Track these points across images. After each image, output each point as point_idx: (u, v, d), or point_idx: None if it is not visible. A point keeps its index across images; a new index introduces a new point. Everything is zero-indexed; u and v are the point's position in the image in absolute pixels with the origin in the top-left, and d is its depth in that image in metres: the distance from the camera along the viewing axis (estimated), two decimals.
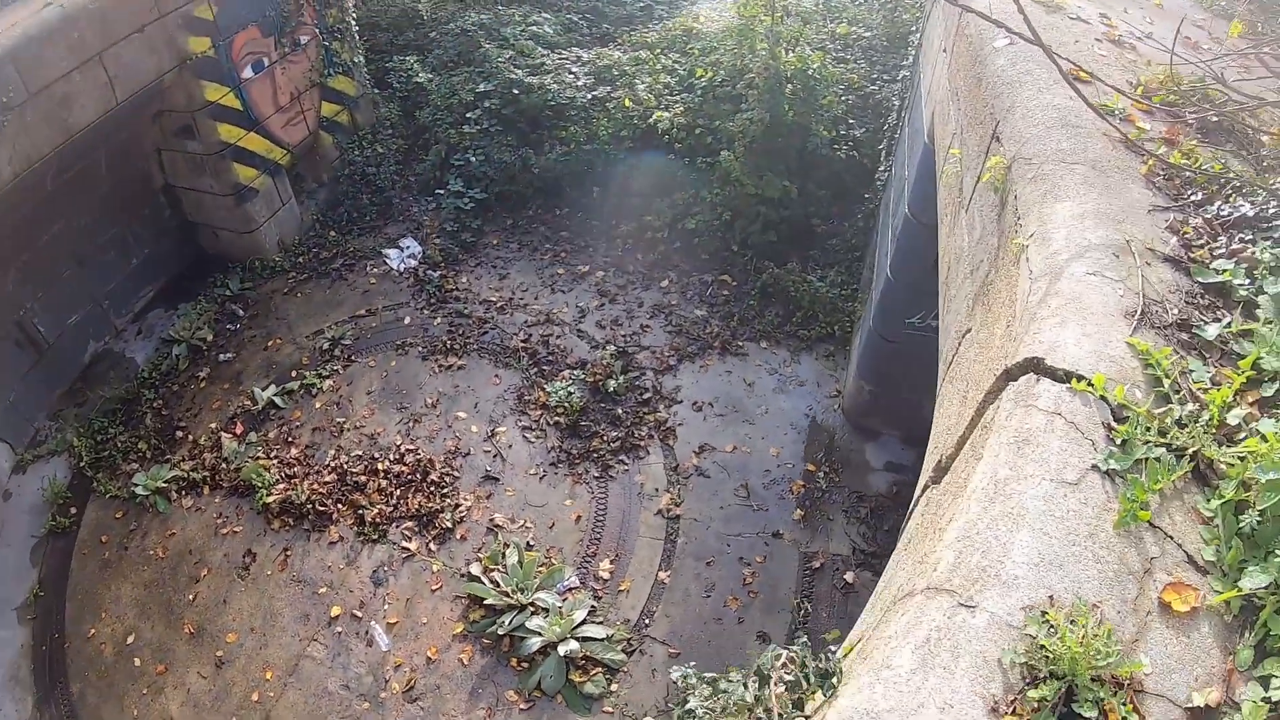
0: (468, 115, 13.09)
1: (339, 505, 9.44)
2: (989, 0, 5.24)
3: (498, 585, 8.56)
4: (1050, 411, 2.79)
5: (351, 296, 11.97)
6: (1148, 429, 2.70)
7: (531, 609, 8.37)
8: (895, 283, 8.18)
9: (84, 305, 11.32)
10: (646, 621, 8.44)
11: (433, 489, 9.51)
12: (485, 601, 8.48)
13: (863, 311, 10.07)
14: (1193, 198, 3.67)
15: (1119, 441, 2.69)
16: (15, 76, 8.40)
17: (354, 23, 12.89)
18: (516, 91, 12.95)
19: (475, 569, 8.78)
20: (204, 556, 9.24)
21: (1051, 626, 2.26)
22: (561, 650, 8.00)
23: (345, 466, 9.76)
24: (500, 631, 8.27)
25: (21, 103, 8.59)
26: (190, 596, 8.93)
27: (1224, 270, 3.27)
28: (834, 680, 2.74)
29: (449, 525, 9.20)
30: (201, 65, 10.58)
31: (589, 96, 12.81)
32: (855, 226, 11.40)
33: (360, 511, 9.33)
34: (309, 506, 9.37)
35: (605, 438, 9.94)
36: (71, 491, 10.01)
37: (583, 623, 8.25)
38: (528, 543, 9.04)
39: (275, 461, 9.86)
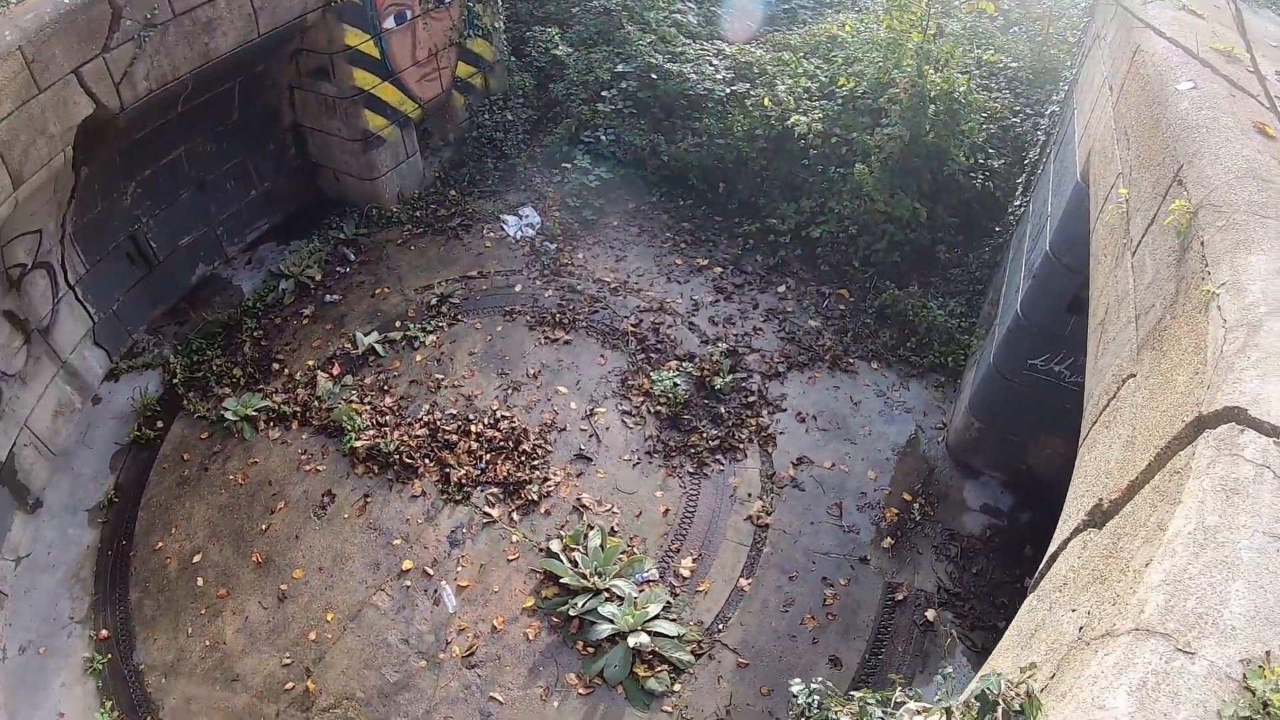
0: (603, 94, 12.84)
1: (426, 460, 9.12)
2: (1170, 42, 5.09)
3: (575, 565, 8.16)
4: (1259, 463, 2.66)
5: (465, 256, 11.75)
6: None
7: (606, 595, 7.95)
8: (1025, 321, 7.82)
9: (198, 228, 11.34)
10: (720, 626, 7.95)
11: (523, 459, 9.13)
12: (560, 580, 8.07)
13: (979, 346, 9.64)
14: None
15: None
16: None
17: None
18: (654, 76, 12.67)
19: (555, 546, 8.37)
20: (283, 490, 9.00)
21: (1276, 683, 2.11)
22: (631, 641, 7.57)
23: (438, 423, 9.45)
24: (571, 612, 7.86)
25: (165, 21, 8.60)
26: (263, 526, 8.69)
27: None
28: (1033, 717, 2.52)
29: (534, 498, 8.80)
30: (345, 9, 10.52)
31: (727, 90, 12.44)
32: (981, 259, 10.91)
33: (447, 470, 8.99)
34: (396, 457, 9.08)
35: (704, 434, 9.47)
36: (161, 406, 9.92)
37: (656, 617, 7.81)
38: (612, 528, 8.60)
39: (368, 407, 9.61)
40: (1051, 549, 3.90)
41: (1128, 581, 2.75)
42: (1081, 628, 2.80)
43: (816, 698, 3.94)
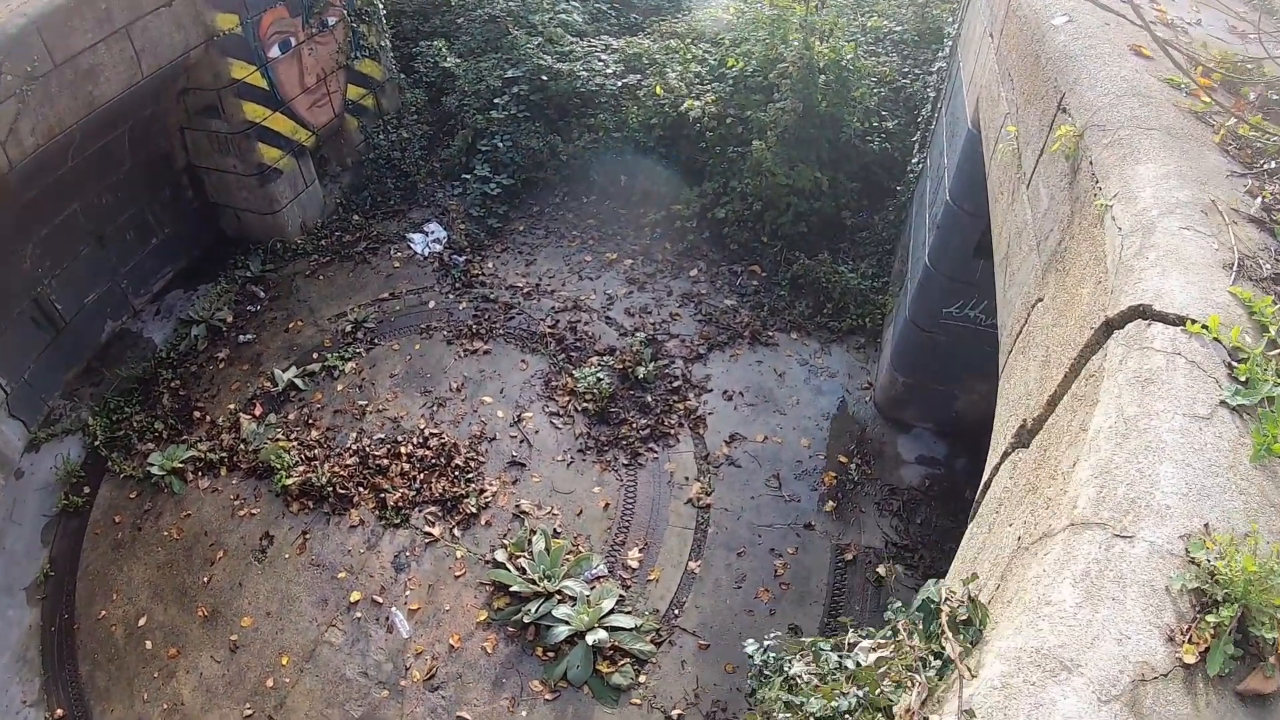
0: (495, 101, 12.86)
1: (360, 489, 9.15)
2: None
3: (524, 572, 8.27)
4: (1169, 352, 2.77)
5: (375, 280, 11.73)
6: (1265, 369, 2.69)
7: (558, 597, 8.08)
8: (934, 271, 8.08)
9: (102, 284, 11.12)
10: (676, 612, 8.14)
11: (457, 474, 9.21)
12: (510, 589, 8.18)
13: (894, 304, 9.95)
14: (1266, 166, 3.77)
15: (1243, 379, 2.68)
16: (41, 46, 8.22)
17: (381, 6, 12.69)
18: (545, 78, 12.74)
19: (500, 555, 8.48)
20: (220, 539, 8.95)
21: (1219, 552, 2.14)
22: (589, 639, 7.71)
23: (367, 449, 9.47)
24: (526, 620, 7.97)
25: (46, 73, 8.40)
26: (205, 579, 8.64)
27: None
28: (978, 625, 2.56)
29: (473, 511, 8.90)
30: (228, 42, 10.39)
31: (619, 84, 12.59)
32: (886, 220, 11.23)
33: (382, 495, 9.04)
34: (329, 489, 9.09)
35: (634, 425, 9.65)
36: (85, 471, 9.75)
37: (611, 612, 7.96)
38: (555, 530, 8.74)
39: (295, 443, 9.59)
40: (985, 477, 4.05)
41: (1058, 485, 2.85)
42: (1020, 537, 2.90)
43: (771, 655, 4.04)
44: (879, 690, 2.78)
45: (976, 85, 6.85)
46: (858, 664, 3.08)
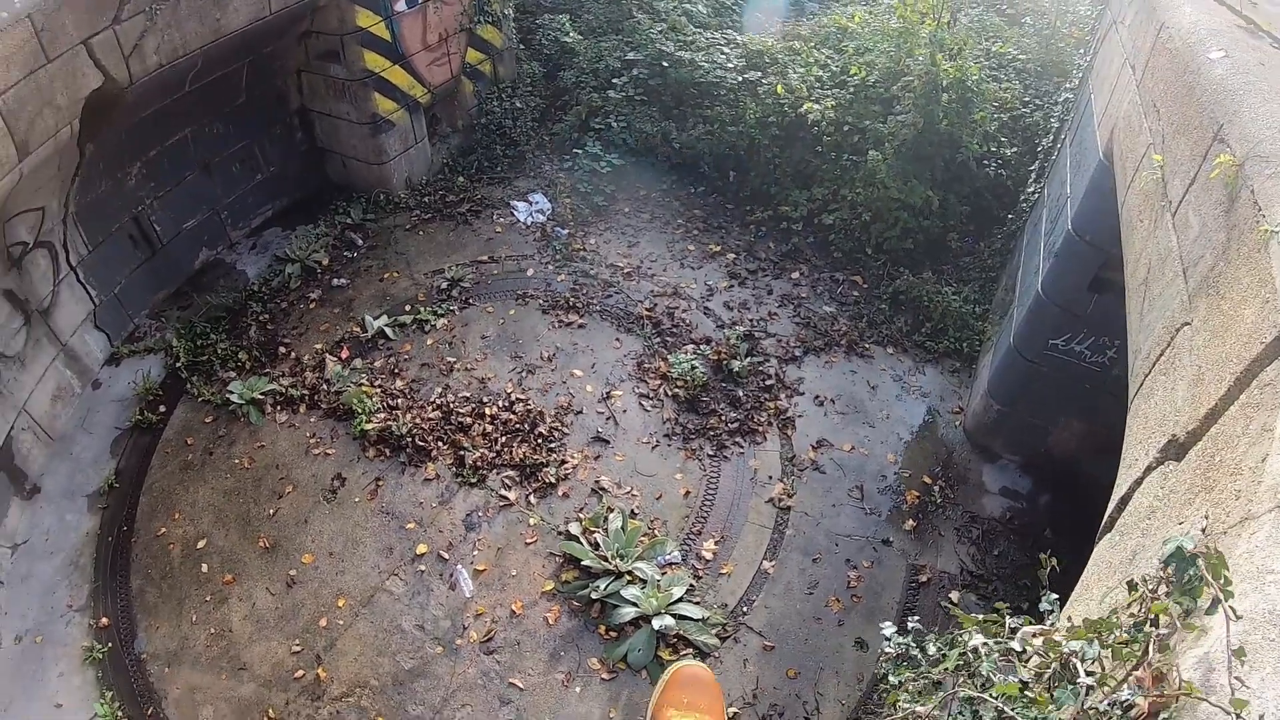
0: (613, 81, 12.65)
1: (440, 443, 8.82)
2: (1195, 17, 5.47)
3: (596, 548, 7.87)
4: None
5: (474, 242, 11.50)
6: None
7: (628, 578, 7.65)
8: (1047, 300, 7.78)
9: (203, 212, 11.07)
10: (745, 609, 7.68)
11: (540, 441, 8.84)
12: (581, 563, 7.78)
13: (995, 331, 9.60)
14: None
15: None
16: None
17: None
18: (665, 64, 12.48)
19: (574, 529, 8.08)
20: (291, 474, 8.68)
21: None
22: (655, 625, 7.28)
23: (451, 406, 9.15)
24: (593, 596, 7.56)
25: None
26: (270, 511, 8.37)
27: None
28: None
29: (552, 480, 8.51)
30: None
31: (739, 79, 12.28)
32: (993, 247, 10.80)
33: (461, 453, 8.70)
34: (408, 440, 8.78)
35: (723, 417, 9.22)
36: (163, 390, 9.59)
37: (680, 600, 7.53)
38: (632, 510, 8.31)
39: (379, 390, 9.31)
40: (1120, 493, 3.91)
41: (1245, 479, 2.75)
42: (1204, 529, 2.78)
43: (911, 639, 3.63)
44: (1114, 636, 2.51)
45: (1111, 116, 6.79)
46: (1076, 623, 2.69)
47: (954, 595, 7.80)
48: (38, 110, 7.32)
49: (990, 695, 2.77)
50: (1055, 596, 3.09)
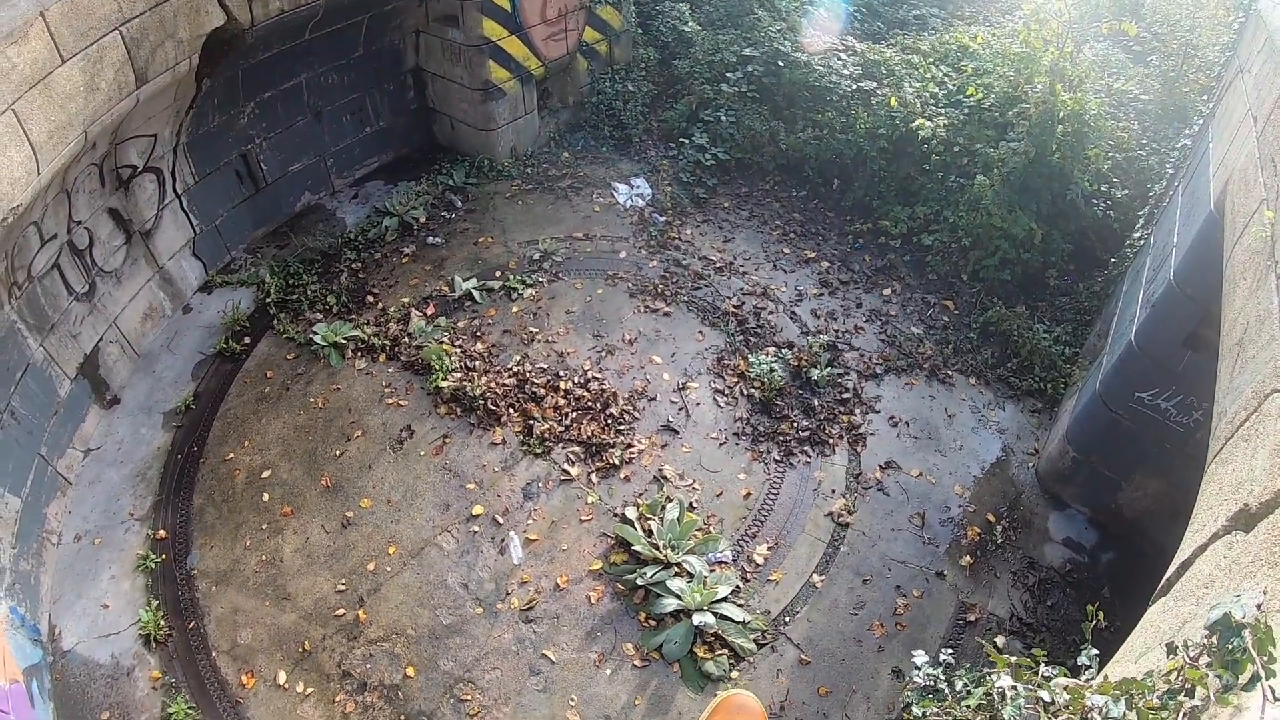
0: (727, 75, 12.53)
1: (511, 410, 8.81)
2: None
3: (649, 535, 7.74)
4: None
5: (571, 218, 11.50)
6: None
7: (676, 569, 7.52)
8: (1138, 352, 7.39)
9: (309, 157, 11.30)
10: (787, 620, 7.45)
11: (609, 422, 8.75)
12: (632, 548, 7.66)
13: (1082, 377, 9.17)
14: None
15: None
16: None
17: None
18: (781, 64, 12.33)
19: (631, 513, 7.96)
20: (362, 419, 8.76)
21: None
22: (695, 620, 7.14)
23: (527, 375, 9.13)
24: (639, 582, 7.44)
25: None
26: (337, 452, 8.45)
27: None
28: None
29: (616, 462, 8.41)
30: None
31: (854, 86, 12.02)
32: (1091, 290, 10.31)
33: (530, 422, 8.66)
34: (480, 402, 8.78)
35: (795, 424, 8.99)
36: (250, 323, 9.81)
37: (724, 599, 7.37)
38: (690, 503, 8.15)
39: (459, 350, 9.35)
40: (1182, 557, 3.80)
41: None
42: (1260, 605, 2.65)
43: (940, 671, 3.48)
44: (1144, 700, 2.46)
45: (1227, 167, 6.42)
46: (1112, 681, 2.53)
47: (999, 640, 7.44)
48: (159, 42, 7.51)
49: None
50: (1096, 652, 3.00)
